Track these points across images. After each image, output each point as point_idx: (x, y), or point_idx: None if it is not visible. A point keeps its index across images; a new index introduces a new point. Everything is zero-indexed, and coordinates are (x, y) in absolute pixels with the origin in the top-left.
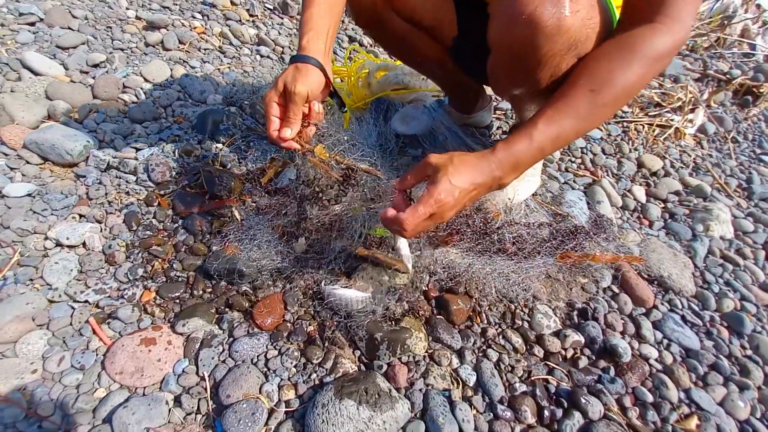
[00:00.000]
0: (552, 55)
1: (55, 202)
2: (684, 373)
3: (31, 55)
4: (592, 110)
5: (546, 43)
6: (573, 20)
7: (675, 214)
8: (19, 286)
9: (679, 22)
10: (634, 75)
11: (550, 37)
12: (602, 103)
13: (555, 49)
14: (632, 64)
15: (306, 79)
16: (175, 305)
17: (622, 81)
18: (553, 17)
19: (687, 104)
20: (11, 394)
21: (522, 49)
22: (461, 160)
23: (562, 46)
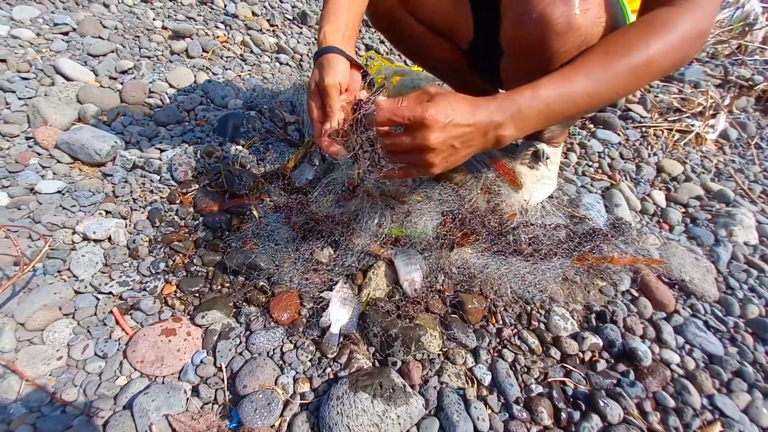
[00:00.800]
0: (563, 53)
1: (83, 198)
2: (707, 379)
3: (64, 61)
4: (605, 72)
5: (556, 41)
6: (583, 18)
7: (696, 219)
8: (47, 277)
9: (698, 7)
10: (653, 48)
11: (561, 35)
12: (617, 67)
13: (566, 47)
14: (651, 37)
15: (330, 69)
16: (194, 298)
17: (640, 51)
18: (563, 15)
19: (708, 110)
20: (38, 378)
21: (533, 47)
22: (462, 95)
23: (572, 44)
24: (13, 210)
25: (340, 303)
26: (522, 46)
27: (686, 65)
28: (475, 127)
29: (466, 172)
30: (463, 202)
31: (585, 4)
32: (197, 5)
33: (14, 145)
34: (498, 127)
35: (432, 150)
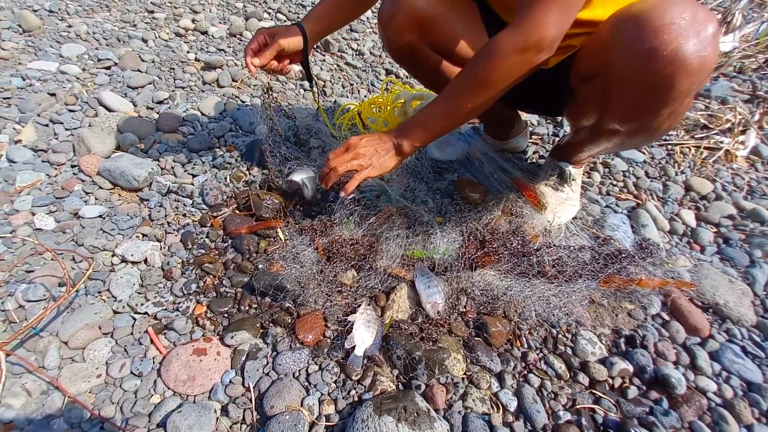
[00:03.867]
0: (688, 92)
1: (122, 222)
2: (746, 408)
3: (106, 94)
4: (453, 95)
5: (686, 80)
6: (713, 54)
7: (729, 239)
8: (89, 298)
9: (526, 24)
10: (482, 69)
11: (692, 74)
12: (460, 89)
13: (694, 88)
14: (479, 63)
15: (288, 36)
16: (223, 319)
17: (475, 73)
18: (698, 54)
19: (737, 126)
20: (79, 395)
21: (658, 85)
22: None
23: (699, 85)
24: (59, 234)
25: (364, 325)
26: (645, 85)
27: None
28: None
29: (485, 191)
30: (484, 223)
31: (716, 40)
32: (227, 37)
33: (61, 173)
34: (398, 141)
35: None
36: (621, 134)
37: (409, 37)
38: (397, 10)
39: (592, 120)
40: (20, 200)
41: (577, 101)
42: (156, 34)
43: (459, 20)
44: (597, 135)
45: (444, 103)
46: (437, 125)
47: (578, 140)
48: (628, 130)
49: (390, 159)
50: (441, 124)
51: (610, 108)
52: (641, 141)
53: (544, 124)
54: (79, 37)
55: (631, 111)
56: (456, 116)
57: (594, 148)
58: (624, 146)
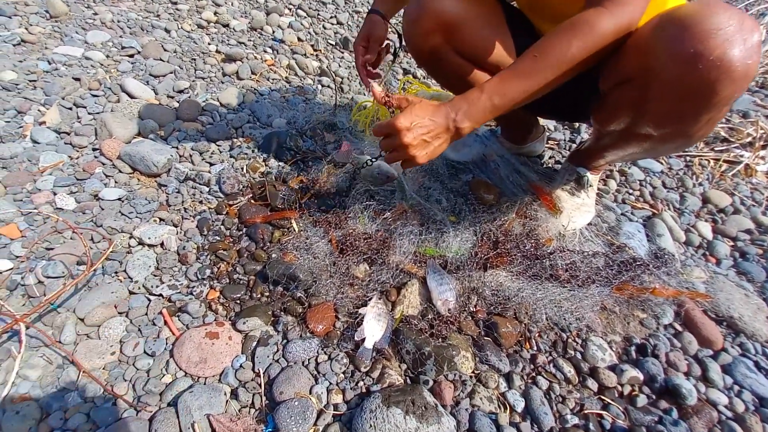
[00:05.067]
0: (729, 99)
1: (140, 206)
2: (757, 423)
3: (129, 81)
4: (533, 70)
5: (729, 87)
6: (757, 62)
7: (746, 254)
8: (106, 277)
9: (621, 6)
10: (573, 47)
11: (737, 81)
12: (543, 65)
13: (736, 95)
14: (572, 39)
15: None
16: (236, 305)
17: (562, 50)
18: (743, 61)
19: (758, 140)
20: (93, 371)
21: (699, 90)
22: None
23: (741, 92)
24: (79, 214)
25: (375, 318)
26: (687, 89)
27: None
28: (436, 124)
29: (499, 193)
30: (498, 224)
31: (759, 49)
32: (248, 31)
33: (83, 156)
34: (455, 122)
35: (407, 146)
36: (653, 139)
37: (435, 40)
38: (423, 12)
39: (623, 124)
40: (43, 180)
41: (606, 105)
42: (179, 25)
43: (485, 24)
44: (626, 140)
45: (520, 78)
46: (508, 103)
47: (602, 145)
48: (663, 135)
49: (440, 147)
50: (512, 101)
51: (647, 112)
52: (672, 148)
53: (561, 129)
54: (104, 24)
55: (670, 116)
56: (530, 94)
57: (619, 153)
58: (651, 153)
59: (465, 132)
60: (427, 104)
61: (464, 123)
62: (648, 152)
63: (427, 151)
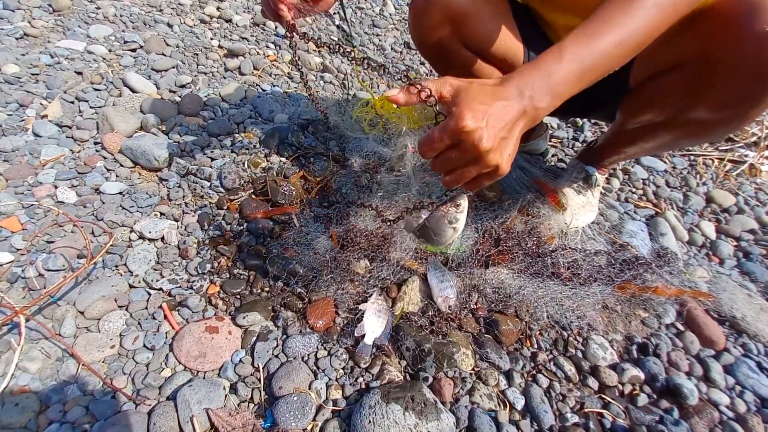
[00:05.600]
0: None
1: (141, 200)
2: (759, 424)
3: (131, 75)
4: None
5: None
6: None
7: (750, 254)
8: (106, 271)
9: None
10: None
11: None
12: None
13: None
14: None
15: None
16: (236, 300)
17: None
18: None
19: (763, 140)
20: (93, 364)
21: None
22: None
23: None
24: (80, 207)
25: (375, 314)
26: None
27: None
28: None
29: (501, 190)
30: (500, 222)
31: None
32: (251, 26)
33: (84, 149)
34: (531, 98)
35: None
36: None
37: (442, 32)
38: (430, 4)
39: (666, 114)
40: (44, 173)
41: (644, 96)
42: (181, 20)
43: (492, 16)
44: (662, 129)
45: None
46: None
47: (624, 140)
48: (720, 118)
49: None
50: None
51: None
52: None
53: (564, 127)
54: (106, 18)
55: (735, 99)
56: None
57: (645, 146)
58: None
59: (545, 113)
60: (483, 84)
61: (544, 100)
62: (678, 143)
63: (510, 151)
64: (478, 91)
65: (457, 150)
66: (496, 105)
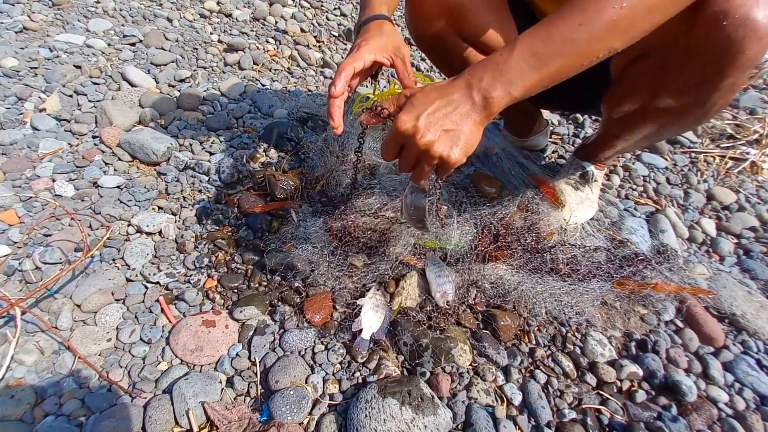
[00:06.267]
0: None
1: (139, 194)
2: (758, 422)
3: (130, 69)
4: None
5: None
6: None
7: (750, 251)
8: (103, 264)
9: None
10: None
11: (762, 38)
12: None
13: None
14: None
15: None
16: (233, 294)
17: None
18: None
19: (765, 137)
20: (89, 357)
21: (728, 49)
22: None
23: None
24: (78, 201)
25: (373, 309)
26: (715, 49)
27: (741, 91)
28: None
29: (501, 186)
30: (499, 217)
31: None
32: (251, 21)
33: (82, 143)
34: (482, 91)
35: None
36: (669, 114)
37: (439, 24)
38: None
39: (638, 103)
40: (42, 166)
41: (620, 87)
42: (181, 14)
43: (488, 8)
44: (640, 120)
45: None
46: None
47: (612, 134)
48: (681, 107)
49: (473, 131)
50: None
51: (668, 82)
52: (687, 125)
53: (564, 124)
54: (106, 12)
55: (692, 83)
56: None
57: (630, 139)
58: (663, 133)
59: (499, 103)
60: (430, 87)
61: (495, 90)
62: (660, 133)
63: (458, 142)
64: (424, 93)
65: (405, 149)
66: (437, 102)
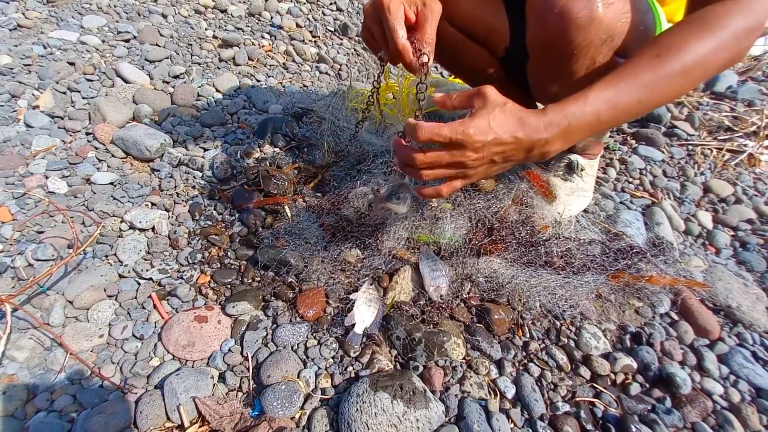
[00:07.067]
0: (585, 47)
1: (132, 190)
2: (753, 414)
3: (124, 66)
4: (656, 77)
5: (578, 35)
6: (606, 12)
7: (747, 243)
8: (96, 261)
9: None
10: (705, 47)
11: (582, 28)
12: (668, 70)
13: (588, 40)
14: (703, 35)
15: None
16: (226, 290)
17: (692, 50)
18: (585, 9)
19: (762, 129)
20: (81, 353)
21: (555, 41)
22: (514, 107)
23: (595, 38)
24: (71, 198)
25: (365, 304)
26: (545, 41)
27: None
28: (518, 144)
29: (495, 180)
30: (493, 211)
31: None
32: (246, 17)
33: (76, 140)
34: (545, 144)
35: (469, 167)
36: None
37: None
38: None
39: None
40: (35, 163)
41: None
42: (176, 10)
43: None
44: None
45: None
46: (616, 119)
47: None
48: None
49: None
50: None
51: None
52: None
53: None
54: (100, 9)
55: (545, 74)
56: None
57: None
58: None
59: (551, 156)
60: (512, 111)
61: (556, 144)
62: None
63: (488, 172)
64: (503, 113)
65: (448, 152)
66: (508, 131)
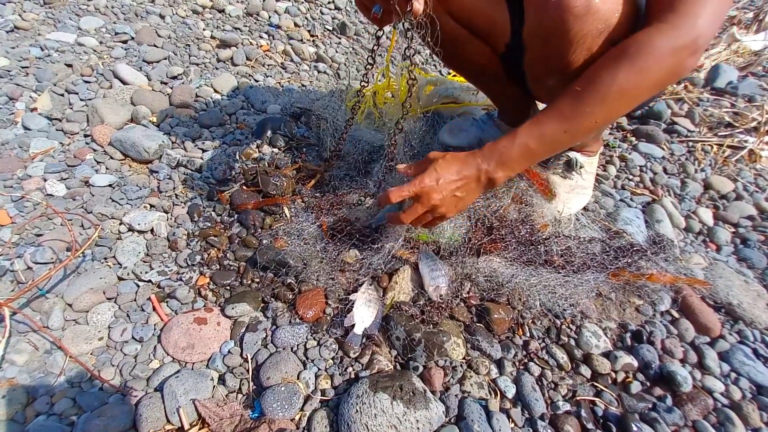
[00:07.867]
0: (582, 36)
1: (130, 192)
2: (754, 411)
3: (122, 67)
4: (575, 109)
5: (575, 24)
6: (602, 3)
7: (748, 240)
8: (95, 263)
9: (684, 18)
10: (623, 76)
11: (580, 17)
12: (587, 101)
13: (584, 31)
14: (619, 65)
15: None
16: (225, 291)
17: (606, 80)
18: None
19: (763, 125)
20: (80, 356)
21: (553, 31)
22: (453, 155)
23: (591, 28)
24: (69, 200)
25: (365, 304)
26: (543, 31)
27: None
28: (466, 177)
29: None
30: (492, 209)
31: None
32: (244, 17)
33: (74, 142)
34: (487, 173)
35: (439, 206)
36: None
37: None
38: None
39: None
40: (33, 166)
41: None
42: (173, 11)
43: None
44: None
45: (559, 120)
46: (548, 148)
47: None
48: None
49: (471, 198)
50: (554, 147)
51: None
52: None
53: None
54: (98, 10)
55: (543, 65)
56: (574, 136)
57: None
58: None
59: (500, 181)
60: (452, 158)
61: (497, 173)
62: None
63: (459, 206)
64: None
65: (421, 201)
66: (453, 173)
